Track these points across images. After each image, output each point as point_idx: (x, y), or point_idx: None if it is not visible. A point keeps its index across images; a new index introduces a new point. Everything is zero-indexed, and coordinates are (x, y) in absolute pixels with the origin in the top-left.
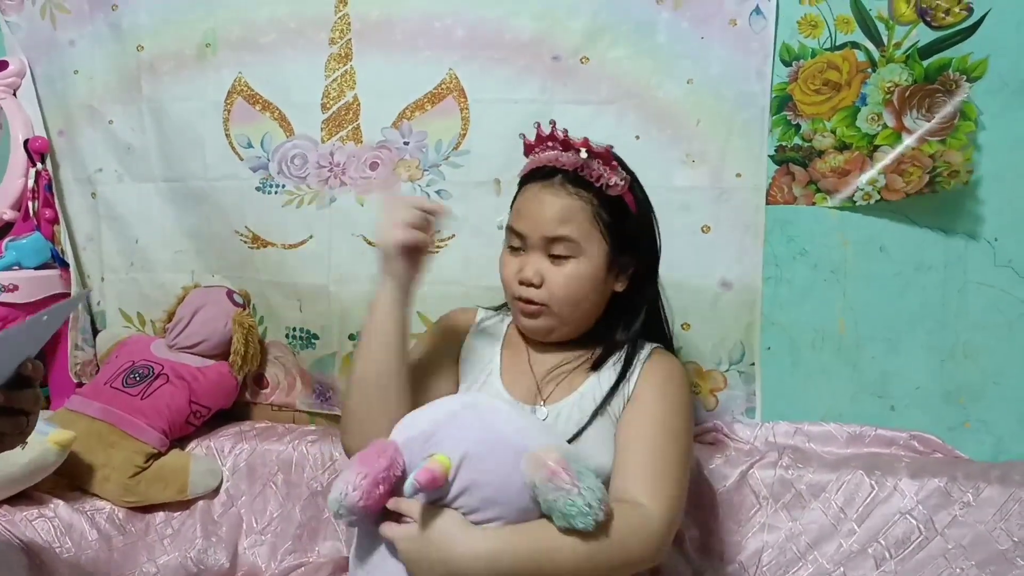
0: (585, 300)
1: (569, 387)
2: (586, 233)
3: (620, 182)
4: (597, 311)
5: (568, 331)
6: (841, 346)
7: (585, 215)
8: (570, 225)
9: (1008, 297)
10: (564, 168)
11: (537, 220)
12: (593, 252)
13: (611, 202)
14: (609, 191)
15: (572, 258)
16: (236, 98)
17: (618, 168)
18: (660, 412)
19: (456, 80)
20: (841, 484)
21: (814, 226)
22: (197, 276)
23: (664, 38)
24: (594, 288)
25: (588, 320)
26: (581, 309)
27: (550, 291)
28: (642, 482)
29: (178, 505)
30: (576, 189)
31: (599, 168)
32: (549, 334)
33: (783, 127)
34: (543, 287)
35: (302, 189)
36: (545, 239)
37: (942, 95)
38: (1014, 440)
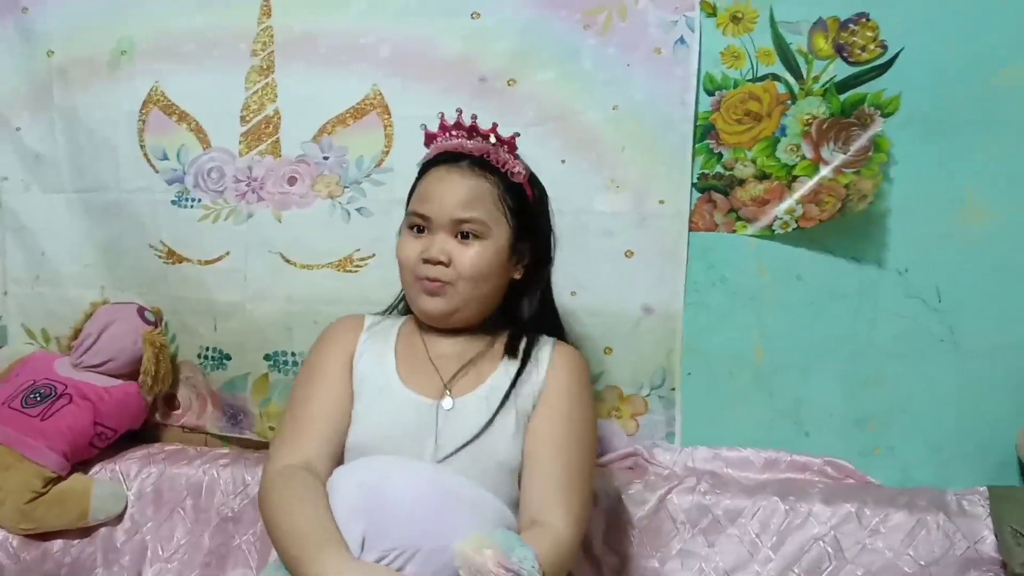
0: (488, 281)
1: (477, 378)
2: (492, 215)
3: (522, 171)
4: (496, 297)
5: (468, 314)
6: (758, 372)
7: (492, 197)
8: (478, 206)
9: (917, 327)
10: (471, 153)
11: (444, 202)
12: (498, 234)
13: (514, 188)
14: (513, 177)
15: (479, 239)
16: (152, 108)
17: (519, 158)
18: (571, 418)
19: (380, 96)
20: (757, 509)
21: (734, 254)
22: (107, 292)
23: (590, 64)
24: (497, 270)
25: (487, 305)
26: (483, 290)
27: (457, 270)
28: (554, 500)
29: (78, 532)
30: (483, 172)
31: (504, 155)
32: (450, 316)
33: (706, 155)
34: (450, 266)
35: (219, 203)
36: (453, 220)
37: (857, 128)
38: (920, 467)
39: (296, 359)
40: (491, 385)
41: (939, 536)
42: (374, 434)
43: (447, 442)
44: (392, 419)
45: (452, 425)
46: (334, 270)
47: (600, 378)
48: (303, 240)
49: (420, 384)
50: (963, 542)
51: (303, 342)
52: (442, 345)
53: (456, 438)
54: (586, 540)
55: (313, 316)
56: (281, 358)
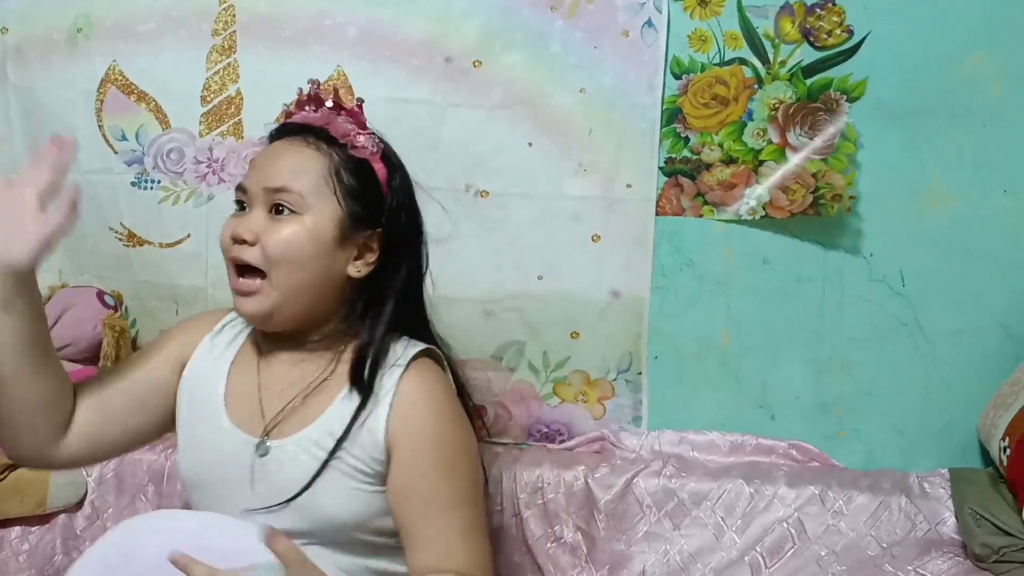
0: (307, 266)
1: (302, 418)
2: (315, 188)
3: (368, 145)
4: (326, 295)
5: (291, 315)
6: (725, 356)
7: (319, 169)
8: (298, 177)
9: (881, 311)
10: (311, 124)
11: (263, 171)
12: (323, 212)
13: (357, 166)
14: (354, 151)
15: (295, 214)
16: (109, 87)
17: (371, 133)
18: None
19: (344, 77)
20: (722, 493)
21: (700, 238)
22: (65, 275)
23: (558, 47)
24: (318, 255)
25: (314, 304)
26: (303, 279)
27: (265, 251)
28: (451, 553)
29: (36, 519)
30: (317, 143)
31: (346, 126)
32: (266, 318)
33: (673, 139)
34: (256, 245)
35: (179, 185)
36: (266, 189)
37: (824, 113)
38: (884, 450)
39: None
40: (318, 426)
41: (901, 518)
42: (196, 470)
43: (265, 492)
44: (210, 456)
45: (270, 474)
46: None
47: (567, 363)
48: None
49: (244, 418)
50: (924, 524)
51: None
52: (276, 365)
53: (272, 491)
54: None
55: None
56: None
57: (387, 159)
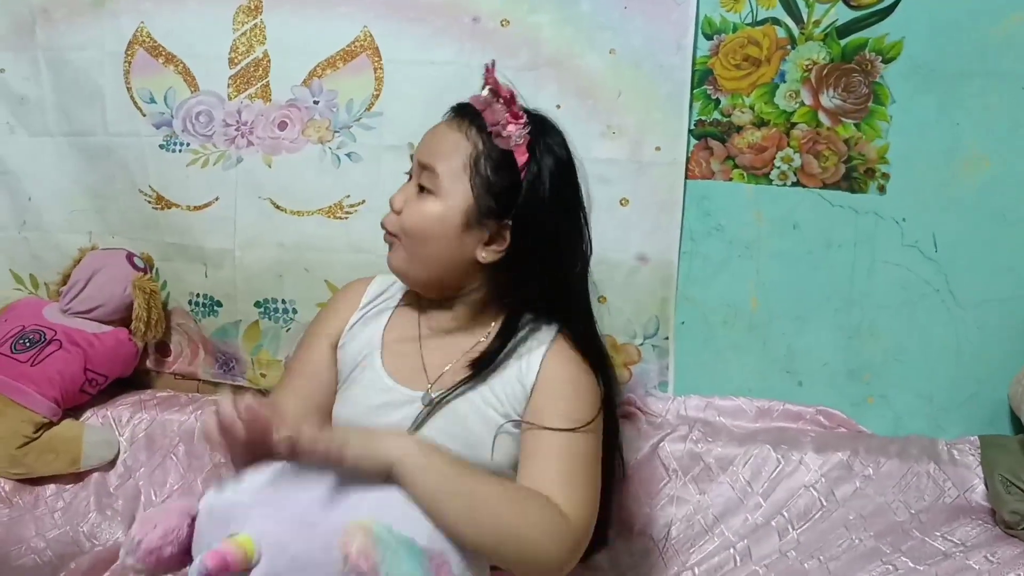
0: (432, 244)
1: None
2: (453, 174)
3: (515, 135)
4: (454, 274)
5: (423, 279)
6: (752, 322)
7: (462, 156)
8: (443, 160)
9: (913, 276)
10: (475, 106)
11: (425, 145)
12: (453, 199)
13: (501, 156)
14: (498, 141)
15: (432, 195)
16: (137, 49)
17: (523, 121)
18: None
19: (371, 38)
20: (749, 458)
21: (730, 202)
22: (95, 237)
23: (587, 6)
24: (442, 238)
25: (442, 277)
26: (428, 253)
27: (401, 221)
28: (559, 490)
29: (70, 477)
30: (469, 128)
31: (500, 115)
32: (403, 274)
33: (703, 101)
34: (401, 214)
35: (207, 148)
36: (420, 164)
37: (858, 75)
38: (912, 416)
39: (287, 306)
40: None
41: (930, 484)
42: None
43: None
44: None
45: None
46: (324, 216)
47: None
48: (293, 186)
49: (402, 371)
50: (953, 490)
51: (293, 289)
52: (435, 320)
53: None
54: None
55: (303, 263)
56: (272, 305)
57: (534, 150)
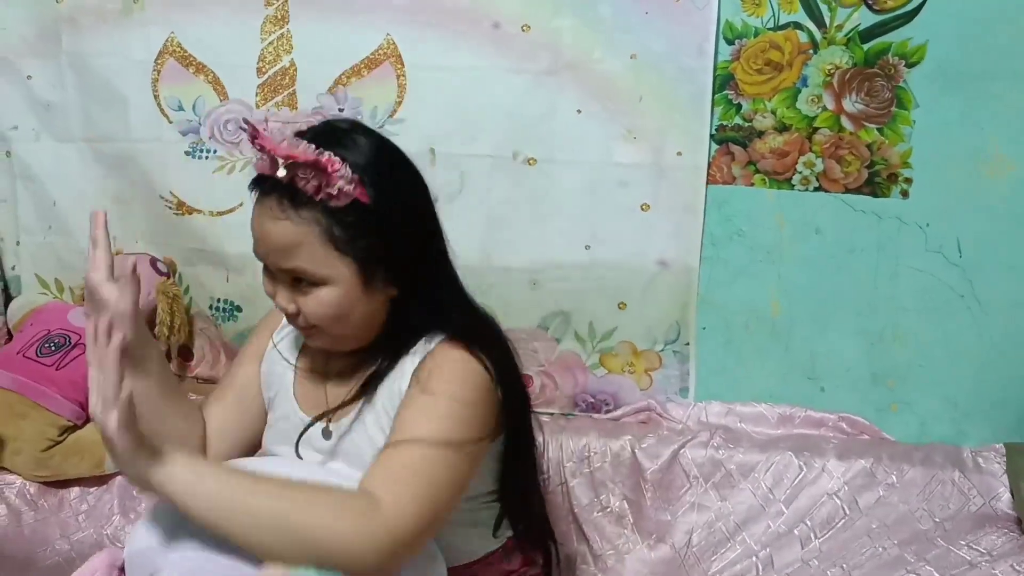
0: (348, 318)
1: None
2: (320, 260)
3: (345, 186)
4: (375, 321)
5: (350, 343)
6: (774, 327)
7: (312, 241)
8: (299, 257)
9: (936, 282)
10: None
11: (266, 248)
12: (338, 275)
13: (344, 211)
14: (333, 202)
15: (317, 286)
16: (168, 59)
17: (338, 166)
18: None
19: (393, 45)
20: (770, 465)
21: (751, 206)
22: (119, 242)
23: (608, 10)
24: (354, 305)
25: (369, 331)
26: (351, 325)
27: (306, 318)
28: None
29: (94, 480)
30: (297, 209)
31: (312, 179)
32: (331, 348)
33: (724, 106)
34: (300, 315)
35: (234, 155)
36: (280, 271)
37: (881, 79)
38: (937, 422)
39: None
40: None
41: (954, 492)
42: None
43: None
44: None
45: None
46: None
47: (613, 333)
48: None
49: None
50: (979, 498)
51: None
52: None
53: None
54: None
55: None
56: None
57: (366, 179)
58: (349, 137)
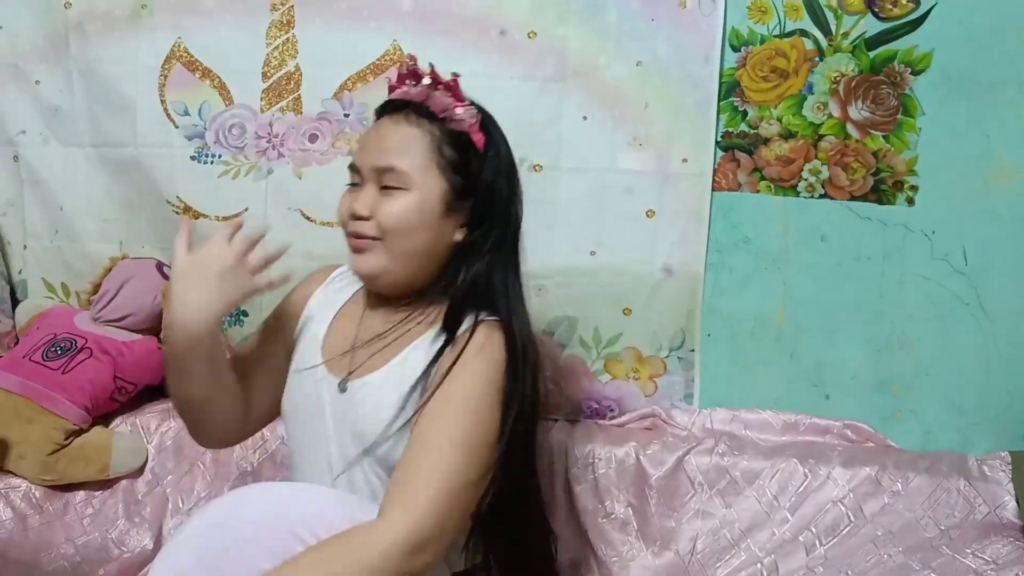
0: (417, 236)
1: (383, 358)
2: (420, 165)
3: (467, 117)
4: (434, 260)
5: (400, 277)
6: (779, 334)
7: (422, 146)
8: (404, 156)
9: (942, 290)
10: (412, 100)
11: (371, 151)
12: (428, 187)
13: (457, 138)
14: (452, 125)
15: (403, 190)
16: (174, 64)
17: (468, 103)
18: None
19: (400, 52)
20: (775, 472)
21: (757, 214)
22: (126, 247)
23: (614, 18)
24: (427, 226)
25: (421, 268)
26: (414, 247)
27: (379, 223)
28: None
29: (99, 484)
30: (419, 119)
31: (445, 99)
32: (379, 277)
33: (730, 113)
34: (372, 219)
35: (239, 160)
36: (374, 169)
37: (887, 87)
38: (942, 431)
39: None
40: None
41: (960, 500)
42: (290, 405)
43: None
44: (303, 392)
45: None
46: None
47: (619, 339)
48: (323, 197)
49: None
50: (984, 507)
51: None
52: (374, 319)
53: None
54: (605, 499)
55: None
56: None
57: (485, 128)
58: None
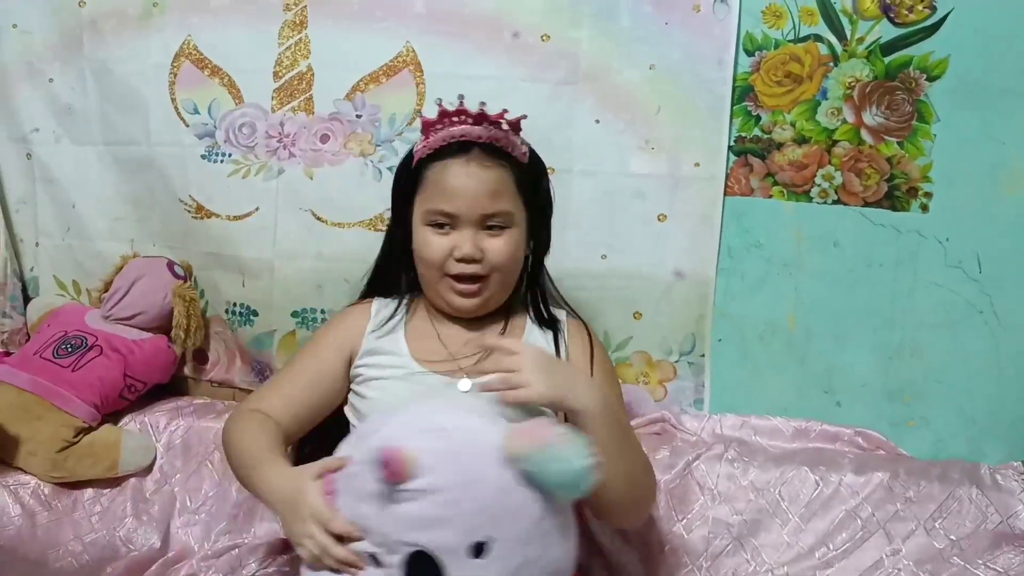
0: (515, 268)
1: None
2: (515, 203)
3: (527, 150)
4: (517, 281)
5: (496, 303)
6: (790, 340)
7: (511, 185)
8: (503, 199)
9: (955, 297)
10: (479, 140)
11: (471, 196)
12: (520, 220)
13: (524, 169)
14: (522, 158)
15: (507, 228)
16: (184, 62)
17: (521, 135)
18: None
19: (413, 53)
20: (785, 479)
21: (769, 219)
22: (137, 245)
23: (627, 21)
24: (521, 250)
25: (511, 290)
26: (512, 277)
27: (491, 262)
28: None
29: (108, 482)
30: (498, 160)
31: (512, 138)
32: (479, 310)
33: (743, 118)
34: (483, 260)
35: (249, 159)
36: (483, 215)
37: (902, 93)
38: (954, 439)
39: (324, 316)
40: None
41: (972, 509)
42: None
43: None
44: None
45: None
46: (365, 228)
47: (628, 343)
48: (335, 198)
49: (435, 365)
50: (996, 516)
51: (333, 300)
52: (451, 328)
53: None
54: None
55: (344, 274)
56: (309, 315)
57: (532, 155)
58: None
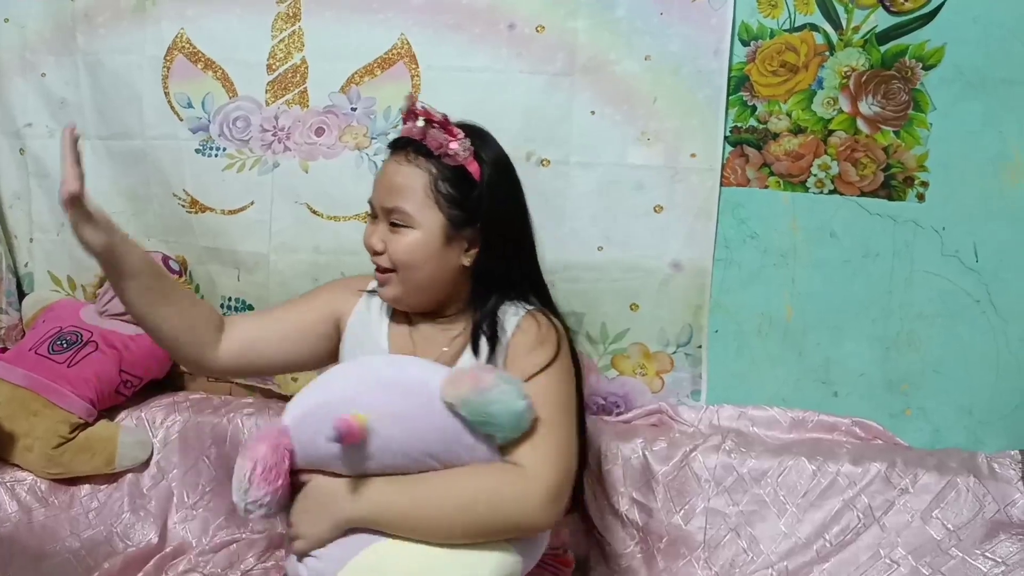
0: (424, 268)
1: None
2: (421, 204)
3: (461, 151)
4: (447, 284)
5: (419, 301)
6: (787, 331)
7: (422, 185)
8: (406, 196)
9: (952, 287)
10: (413, 138)
11: (380, 191)
12: (428, 223)
13: (454, 172)
14: (447, 160)
15: (408, 228)
16: (177, 55)
17: (460, 136)
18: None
19: (408, 46)
20: (783, 469)
21: (766, 209)
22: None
23: (623, 12)
24: (431, 258)
25: (437, 291)
26: (422, 278)
27: (390, 257)
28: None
29: (105, 478)
30: (417, 158)
31: (440, 137)
32: (399, 302)
33: (739, 108)
34: (384, 253)
35: (244, 153)
36: (383, 209)
37: (898, 82)
38: (951, 428)
39: None
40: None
41: (969, 498)
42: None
43: None
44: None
45: None
46: (361, 222)
47: (626, 335)
48: (330, 191)
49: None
50: (993, 504)
51: None
52: (426, 330)
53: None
54: (611, 496)
55: (340, 267)
56: None
57: (479, 157)
58: (485, 134)
